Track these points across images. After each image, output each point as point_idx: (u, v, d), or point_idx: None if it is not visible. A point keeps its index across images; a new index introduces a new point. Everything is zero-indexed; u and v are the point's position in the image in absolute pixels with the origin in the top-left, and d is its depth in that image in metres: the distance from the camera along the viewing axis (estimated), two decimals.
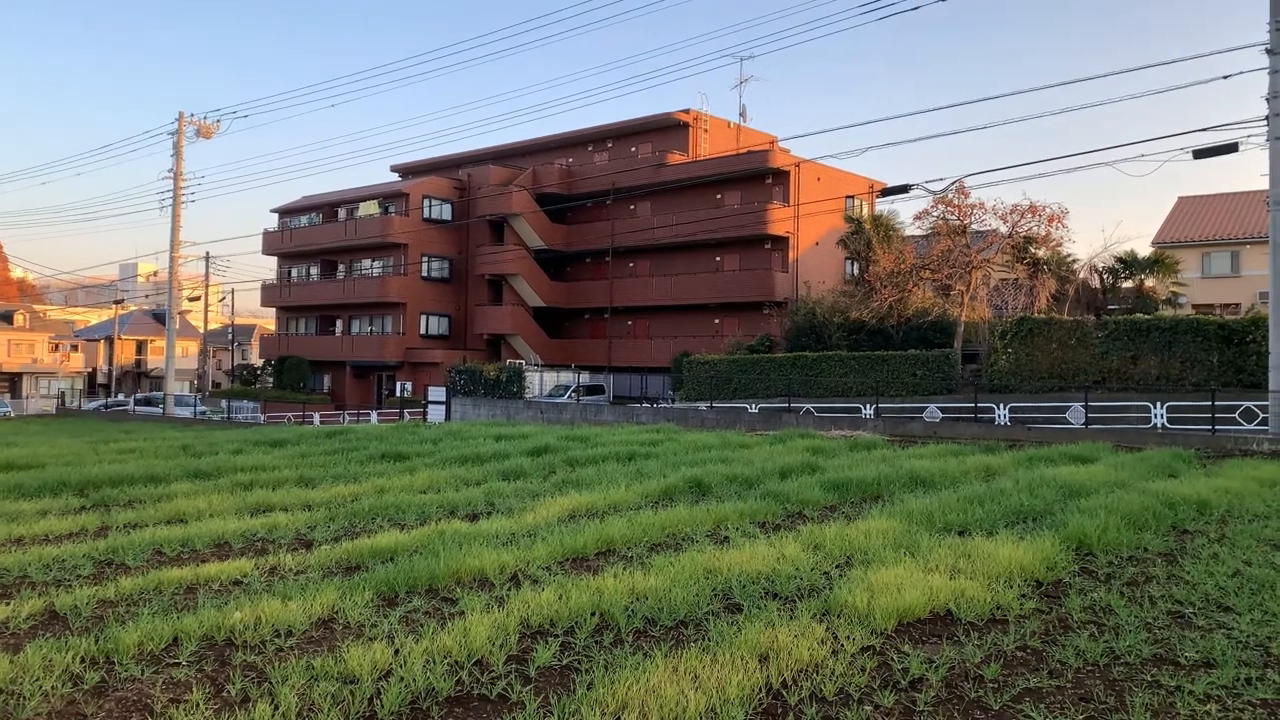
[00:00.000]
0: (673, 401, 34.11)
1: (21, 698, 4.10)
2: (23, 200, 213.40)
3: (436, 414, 32.43)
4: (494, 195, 48.23)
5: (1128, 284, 34.23)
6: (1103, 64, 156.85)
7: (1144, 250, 35.75)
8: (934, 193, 29.49)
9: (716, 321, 42.11)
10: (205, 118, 45.53)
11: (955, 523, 8.16)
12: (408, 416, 34.46)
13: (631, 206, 45.91)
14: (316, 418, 40.61)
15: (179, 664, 4.64)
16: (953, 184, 28.59)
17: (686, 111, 46.52)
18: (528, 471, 12.26)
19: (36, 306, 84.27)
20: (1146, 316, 25.29)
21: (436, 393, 34.84)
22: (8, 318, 73.68)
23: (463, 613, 5.48)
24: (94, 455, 15.85)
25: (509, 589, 6.11)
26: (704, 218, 41.63)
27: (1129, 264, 33.33)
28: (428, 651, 4.69)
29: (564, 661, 4.70)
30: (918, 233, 34.69)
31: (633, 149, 47.81)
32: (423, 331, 49.55)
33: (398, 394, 43.43)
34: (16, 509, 9.75)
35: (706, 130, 47.08)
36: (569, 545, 7.29)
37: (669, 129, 46.79)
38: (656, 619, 5.42)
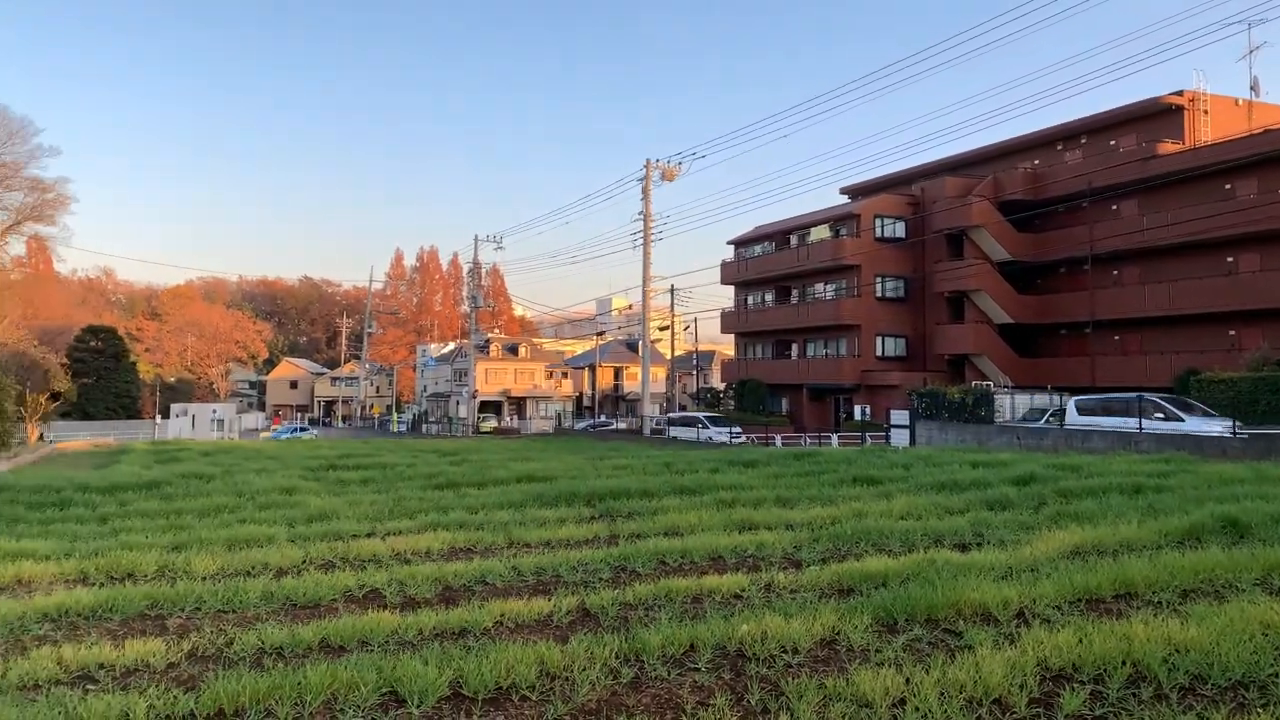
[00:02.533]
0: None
1: (574, 684, 4.61)
2: (526, 249, 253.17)
3: (899, 438, 31.77)
4: (950, 208, 46.43)
5: None
6: None
7: None
8: None
9: (1232, 333, 36.03)
10: (668, 162, 49.94)
11: None
12: (869, 440, 34.24)
13: (1113, 207, 41.25)
14: (778, 440, 42.09)
15: (698, 669, 4.90)
16: None
17: (1179, 94, 40.79)
18: (1014, 501, 11.37)
19: (534, 340, 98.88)
20: None
21: (899, 416, 34.15)
22: (514, 350, 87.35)
23: (970, 647, 5.15)
24: (593, 470, 17.73)
25: (1016, 626, 5.64)
26: (1209, 213, 35.95)
27: None
28: (939, 683, 4.48)
29: (1096, 712, 4.23)
30: None
31: (1111, 142, 43.04)
32: (878, 353, 49.11)
33: (856, 417, 43.49)
34: (542, 515, 11.23)
35: (1206, 111, 40.84)
36: (1079, 584, 6.55)
37: (1156, 115, 41.38)
38: (1205, 676, 4.65)
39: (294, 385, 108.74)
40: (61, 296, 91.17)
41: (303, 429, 66.32)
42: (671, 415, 44.65)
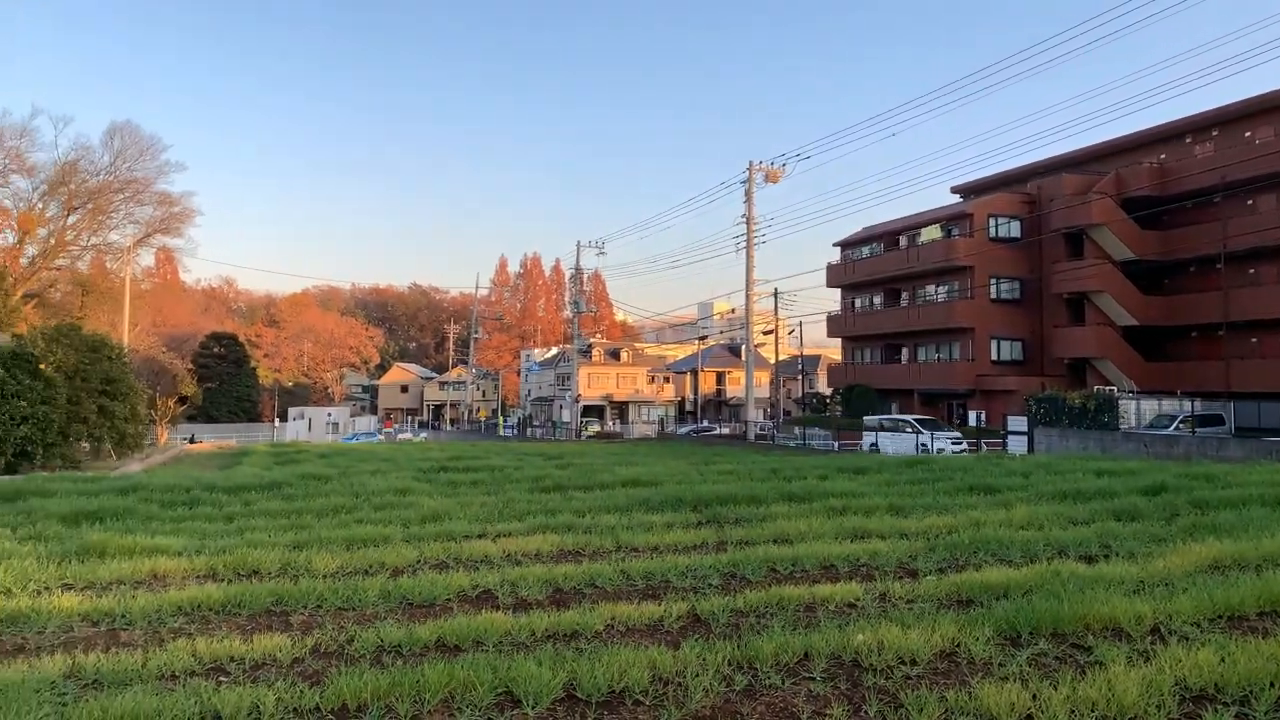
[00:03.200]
0: None
1: (687, 690, 4.56)
2: (627, 253, 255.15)
3: (1017, 445, 30.63)
4: (1069, 206, 44.59)
5: None
6: None
7: None
8: None
9: None
10: (772, 163, 49.35)
11: None
12: (985, 447, 33.11)
13: (1249, 201, 38.88)
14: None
15: (814, 678, 4.79)
16: None
17: None
18: (1144, 512, 10.79)
19: (636, 344, 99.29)
20: None
21: (1016, 422, 32.90)
22: (615, 355, 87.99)
23: (1100, 663, 4.90)
24: (698, 475, 17.53)
25: (1151, 643, 5.34)
26: None
27: None
28: (1069, 700, 4.27)
29: None
30: None
31: (1246, 134, 40.59)
32: (993, 357, 47.48)
33: (971, 423, 42.11)
34: (648, 520, 11.18)
35: None
36: (1219, 600, 6.16)
37: None
38: None
39: (404, 389, 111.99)
40: (187, 305, 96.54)
41: (370, 435, 66.13)
42: (868, 419, 41.86)
